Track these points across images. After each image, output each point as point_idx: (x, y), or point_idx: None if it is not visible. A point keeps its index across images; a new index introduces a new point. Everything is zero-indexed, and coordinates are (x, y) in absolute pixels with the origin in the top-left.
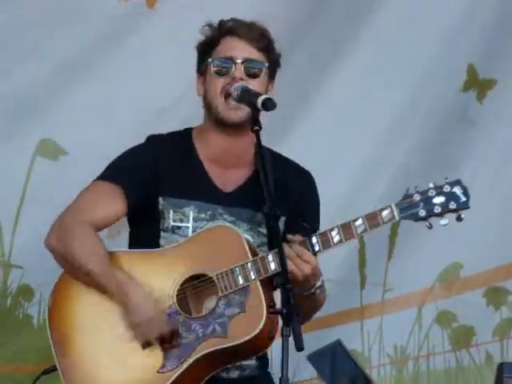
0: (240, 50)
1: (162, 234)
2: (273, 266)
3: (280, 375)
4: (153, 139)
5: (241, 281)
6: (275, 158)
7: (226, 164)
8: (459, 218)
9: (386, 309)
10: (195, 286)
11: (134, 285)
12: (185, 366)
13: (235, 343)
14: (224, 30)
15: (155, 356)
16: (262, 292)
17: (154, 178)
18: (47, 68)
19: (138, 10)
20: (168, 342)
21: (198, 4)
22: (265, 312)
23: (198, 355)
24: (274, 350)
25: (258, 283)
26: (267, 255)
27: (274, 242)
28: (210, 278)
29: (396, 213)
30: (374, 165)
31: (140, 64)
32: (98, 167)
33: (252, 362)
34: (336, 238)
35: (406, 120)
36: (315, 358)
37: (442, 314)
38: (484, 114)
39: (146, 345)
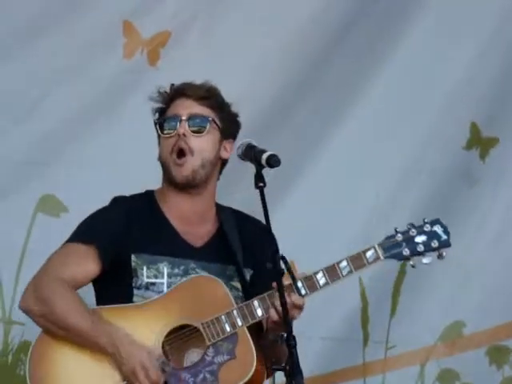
0: (185, 107)
1: (136, 291)
2: (259, 312)
3: None
4: (120, 199)
5: (228, 328)
6: (237, 215)
7: (190, 221)
8: (440, 256)
9: (389, 366)
10: (180, 337)
11: (123, 334)
12: None
13: None
14: (173, 92)
15: None
16: (249, 338)
17: (125, 236)
18: (48, 126)
19: (141, 67)
20: None
21: (199, 61)
22: (255, 357)
23: None
24: None
25: (246, 329)
26: (253, 301)
27: (280, 294)
28: (195, 328)
29: (380, 252)
30: (378, 220)
31: (143, 121)
32: None
33: None
34: (322, 281)
35: (409, 177)
36: None
37: (445, 372)
38: (487, 172)
39: None
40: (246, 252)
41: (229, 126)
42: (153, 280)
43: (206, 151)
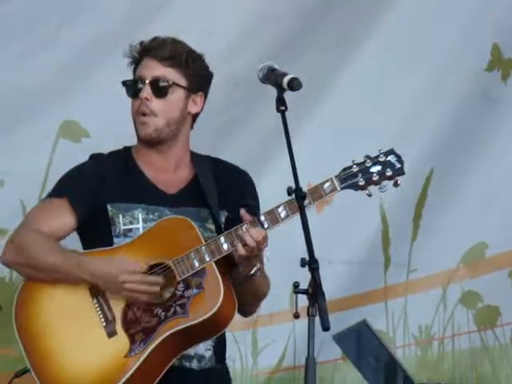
0: (149, 69)
1: (115, 239)
2: (225, 246)
3: (306, 355)
4: (96, 156)
5: (196, 264)
6: (215, 162)
7: (163, 171)
8: (396, 184)
9: (411, 289)
10: (154, 274)
11: (90, 257)
12: (150, 348)
13: (196, 321)
14: (142, 50)
15: (122, 342)
16: (217, 272)
17: (100, 189)
18: (70, 51)
19: None
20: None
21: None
22: (222, 289)
23: (163, 336)
24: (299, 331)
25: (213, 264)
26: (219, 237)
27: (303, 226)
28: (167, 265)
29: (337, 183)
30: (400, 142)
31: None
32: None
33: (209, 353)
34: (283, 214)
35: (431, 99)
36: (341, 338)
37: (467, 295)
38: (508, 93)
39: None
40: (222, 195)
41: (196, 81)
42: (129, 226)
43: (169, 112)
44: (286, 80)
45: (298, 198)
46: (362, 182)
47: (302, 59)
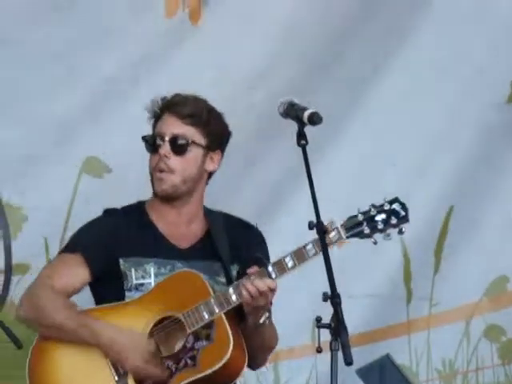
0: (169, 126)
1: (127, 294)
2: (234, 298)
3: None
4: (110, 211)
5: (206, 316)
6: (226, 218)
7: (176, 226)
8: (400, 232)
9: (433, 323)
10: (164, 328)
11: (101, 324)
12: None
13: (206, 373)
14: (163, 106)
15: None
16: (226, 323)
17: (113, 244)
18: (91, 87)
19: (183, 25)
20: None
21: (241, 18)
22: (231, 340)
23: None
24: (321, 365)
25: (223, 316)
26: (228, 289)
27: (325, 260)
28: (177, 318)
29: (343, 233)
30: (421, 175)
31: (187, 79)
32: (143, 183)
33: None
34: (290, 264)
35: (453, 129)
36: (364, 373)
37: (491, 328)
38: None
39: (126, 376)
40: (233, 250)
41: (215, 139)
42: (141, 281)
43: (187, 170)
44: (306, 114)
45: (320, 232)
46: (367, 231)
47: (321, 91)
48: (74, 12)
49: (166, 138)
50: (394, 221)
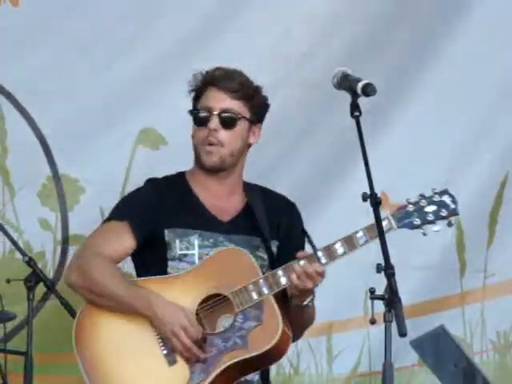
0: (217, 100)
1: (170, 263)
2: (283, 280)
3: (382, 361)
4: (153, 181)
5: (255, 296)
6: (264, 192)
7: (218, 198)
8: (449, 224)
9: (488, 295)
10: (211, 305)
11: (159, 297)
12: (211, 377)
13: (256, 353)
14: (207, 80)
15: (182, 370)
16: (276, 306)
17: (158, 214)
18: (147, 59)
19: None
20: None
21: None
22: (281, 323)
23: (223, 367)
24: (373, 337)
25: (271, 297)
26: (277, 271)
27: (378, 231)
28: (225, 296)
29: (393, 222)
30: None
31: (236, 55)
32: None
33: (256, 377)
34: (340, 251)
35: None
36: (418, 344)
37: None
38: None
39: (175, 351)
40: (273, 225)
41: (258, 112)
42: (185, 252)
43: (234, 142)
44: (360, 86)
45: (373, 204)
46: (417, 222)
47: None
48: None
49: (215, 112)
50: (444, 213)
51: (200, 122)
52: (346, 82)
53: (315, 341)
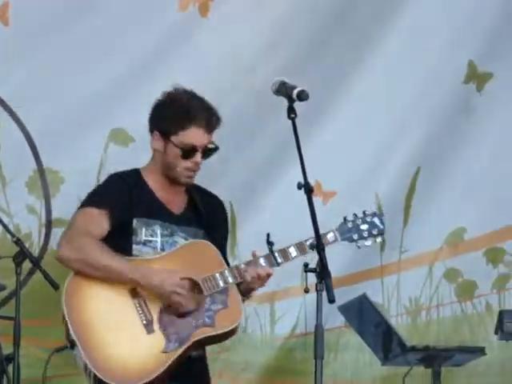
0: (201, 139)
1: (134, 246)
2: (247, 276)
3: (315, 323)
4: (117, 175)
5: (221, 283)
6: (197, 188)
7: (170, 194)
8: (375, 241)
9: (403, 267)
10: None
11: (151, 267)
12: (184, 347)
13: (221, 331)
14: (191, 118)
15: (158, 339)
16: (238, 292)
17: (129, 204)
18: (120, 66)
19: (193, 18)
20: (177, 304)
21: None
22: (242, 308)
23: (193, 339)
24: (309, 303)
25: (235, 285)
26: (240, 265)
27: (311, 213)
28: (196, 281)
29: (338, 236)
30: (393, 142)
31: (194, 70)
32: None
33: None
34: (293, 254)
35: (418, 107)
36: (345, 309)
37: (450, 271)
38: (483, 102)
39: (176, 306)
40: (209, 219)
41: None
42: (149, 238)
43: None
44: (295, 92)
45: (307, 191)
46: (355, 237)
47: (310, 74)
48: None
49: (199, 149)
50: (375, 231)
51: (185, 155)
52: (283, 89)
53: (260, 307)
